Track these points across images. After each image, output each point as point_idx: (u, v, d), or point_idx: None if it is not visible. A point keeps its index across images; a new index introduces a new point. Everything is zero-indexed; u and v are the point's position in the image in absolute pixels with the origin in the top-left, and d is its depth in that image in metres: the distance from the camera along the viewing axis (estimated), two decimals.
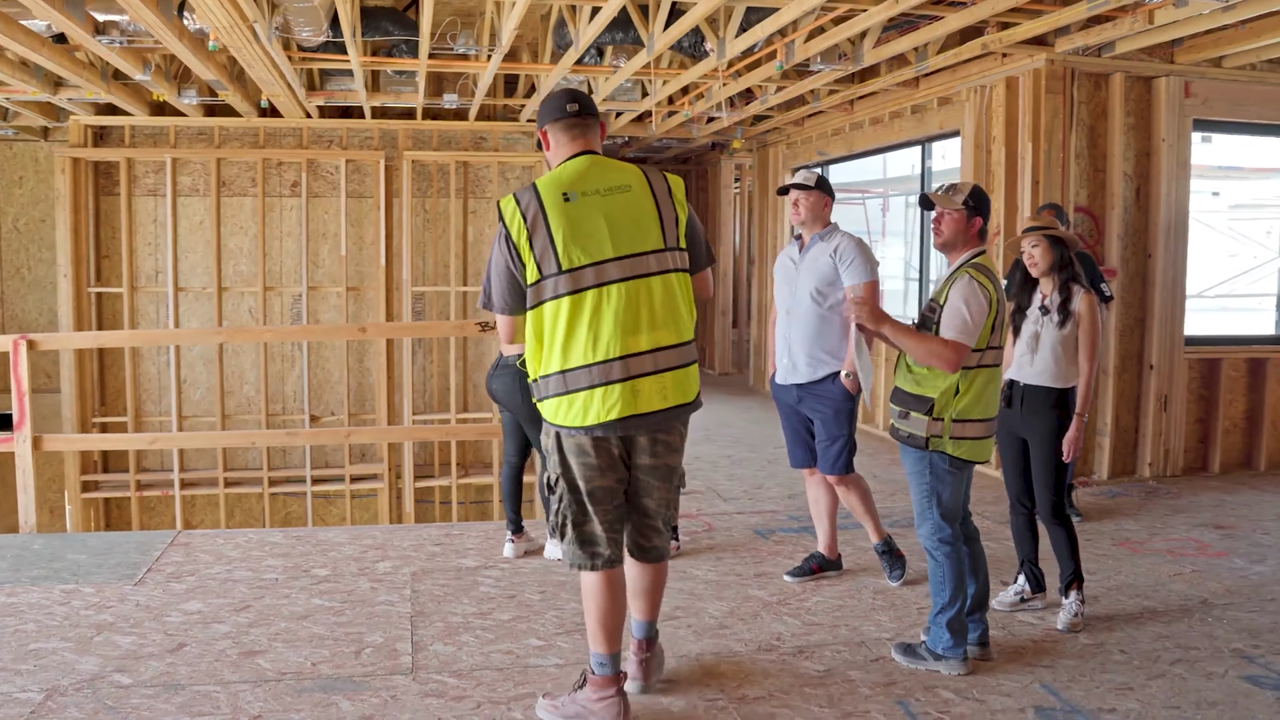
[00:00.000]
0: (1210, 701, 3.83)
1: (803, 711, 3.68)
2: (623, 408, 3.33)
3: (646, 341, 3.34)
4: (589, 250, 3.30)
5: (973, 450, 3.98)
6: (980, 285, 3.85)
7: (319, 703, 3.71)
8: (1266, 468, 7.85)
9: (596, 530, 3.48)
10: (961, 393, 3.92)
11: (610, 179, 3.38)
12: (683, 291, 3.43)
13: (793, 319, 4.91)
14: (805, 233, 4.97)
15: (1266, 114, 7.47)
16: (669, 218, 3.39)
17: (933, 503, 4.01)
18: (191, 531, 6.12)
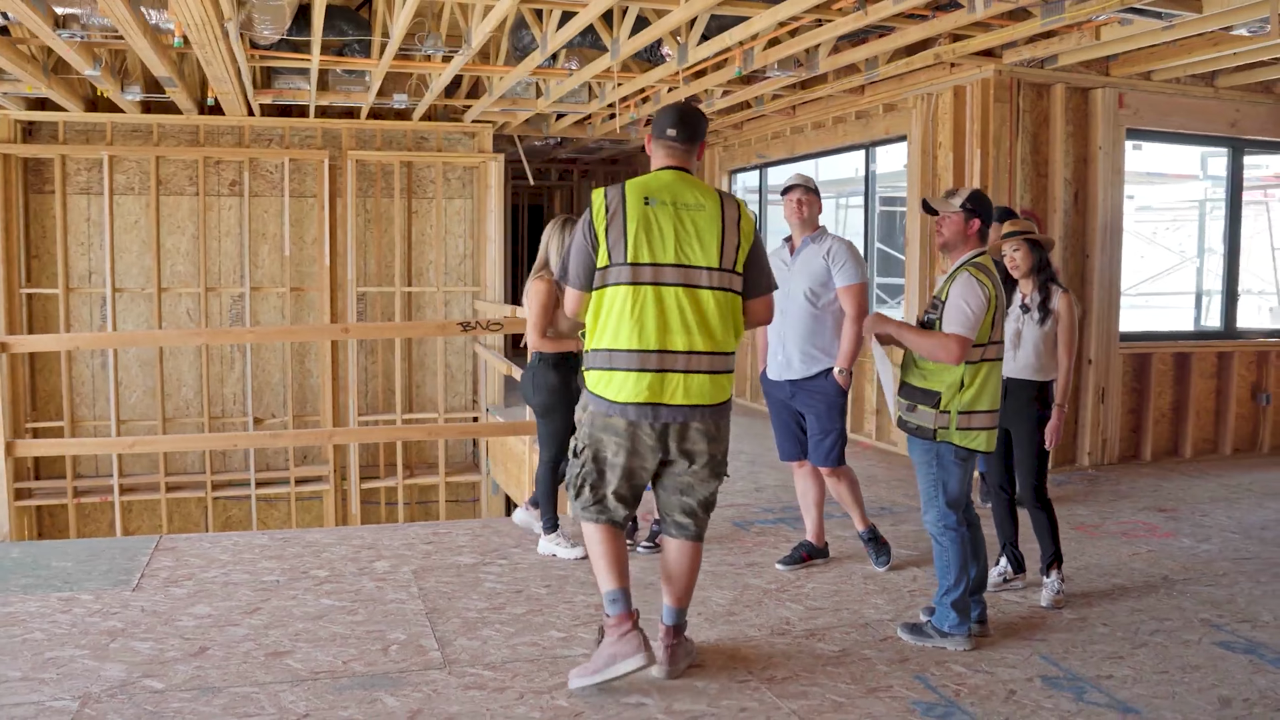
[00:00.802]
0: (1193, 665, 4.18)
1: (831, 689, 3.90)
2: (649, 394, 3.73)
3: (683, 343, 3.73)
4: (653, 250, 3.71)
5: (979, 440, 4.25)
6: (979, 282, 4.13)
7: (363, 699, 3.78)
8: (1192, 455, 8.39)
9: (609, 499, 3.88)
10: (966, 386, 4.18)
11: (689, 196, 3.78)
12: (731, 310, 3.79)
13: (787, 318, 5.11)
14: (798, 234, 5.21)
15: (1189, 124, 8.00)
16: (730, 243, 3.75)
17: (939, 492, 4.29)
18: (175, 536, 6.07)
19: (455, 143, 11.01)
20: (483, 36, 6.88)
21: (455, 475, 10.96)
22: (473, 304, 11.05)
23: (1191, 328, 8.85)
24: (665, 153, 3.89)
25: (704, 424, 3.80)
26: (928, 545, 5.76)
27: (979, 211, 4.30)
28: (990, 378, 4.25)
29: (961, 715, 3.70)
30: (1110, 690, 3.93)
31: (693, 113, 3.96)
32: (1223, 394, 8.50)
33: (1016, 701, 3.82)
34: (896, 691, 3.89)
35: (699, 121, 3.94)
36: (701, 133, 3.95)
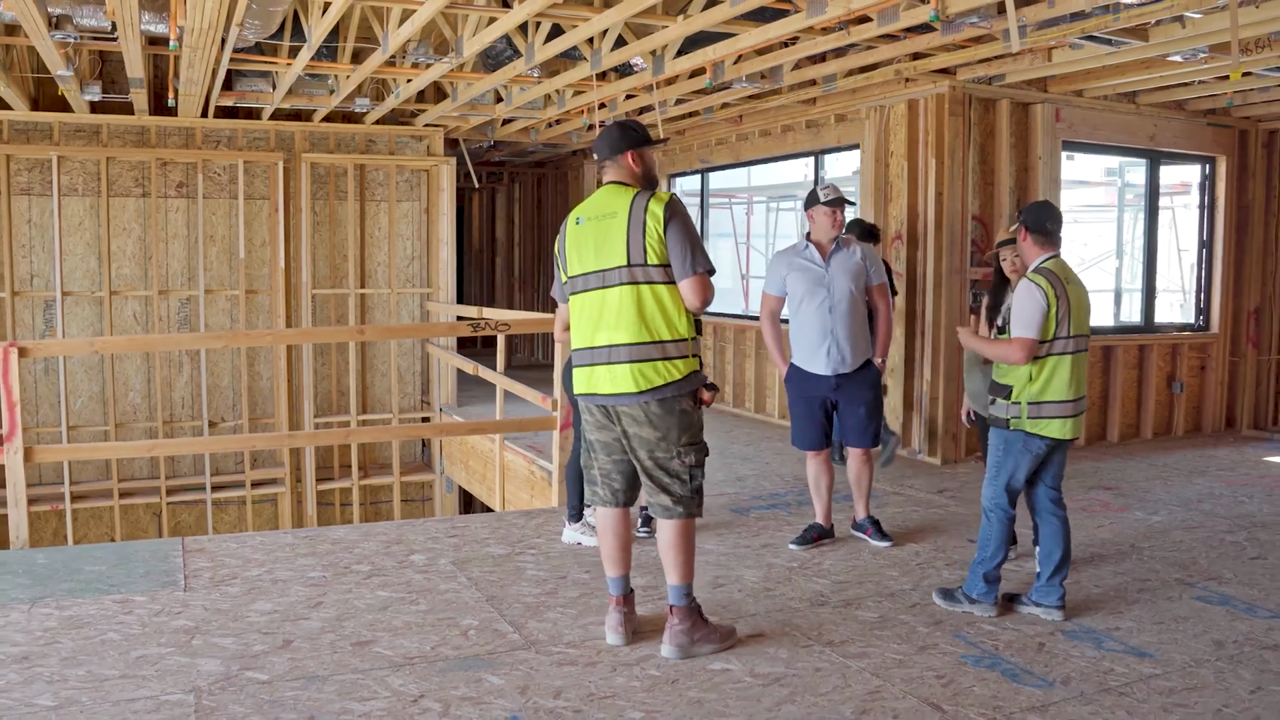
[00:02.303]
0: (1182, 617, 4.81)
1: (886, 649, 4.35)
2: (587, 386, 4.28)
3: (604, 339, 4.18)
4: (582, 262, 4.25)
5: (1052, 429, 4.64)
6: (1037, 286, 4.56)
7: (468, 679, 4.02)
8: (1118, 439, 9.18)
9: (596, 475, 4.42)
10: (1034, 379, 4.61)
11: (608, 207, 4.21)
12: (652, 300, 4.13)
13: (835, 315, 5.61)
14: (827, 239, 5.68)
15: (1115, 137, 8.80)
16: (635, 238, 4.11)
17: (1000, 474, 4.72)
18: (199, 538, 6.14)
19: (405, 146, 11.15)
20: (477, 48, 7.12)
21: (408, 475, 11.11)
22: (423, 305, 11.21)
23: (1112, 323, 9.64)
24: (602, 173, 4.37)
25: (633, 410, 4.17)
26: (914, 525, 6.36)
27: (1025, 219, 4.76)
28: (1058, 371, 4.59)
29: (1006, 664, 4.20)
30: (1122, 639, 4.49)
31: (604, 132, 4.37)
32: (1143, 383, 9.33)
33: (1049, 651, 4.35)
34: (944, 648, 4.37)
35: (609, 138, 4.32)
36: (614, 146, 4.29)
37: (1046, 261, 4.70)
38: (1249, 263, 9.77)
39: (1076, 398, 4.68)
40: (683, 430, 4.21)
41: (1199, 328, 9.80)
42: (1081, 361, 4.71)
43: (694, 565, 4.37)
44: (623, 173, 4.30)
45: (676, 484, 4.24)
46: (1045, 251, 4.72)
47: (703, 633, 4.31)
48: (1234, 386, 9.90)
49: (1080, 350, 4.68)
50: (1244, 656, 4.32)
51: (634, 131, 4.33)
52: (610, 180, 4.32)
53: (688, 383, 4.18)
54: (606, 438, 4.35)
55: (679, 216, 4.13)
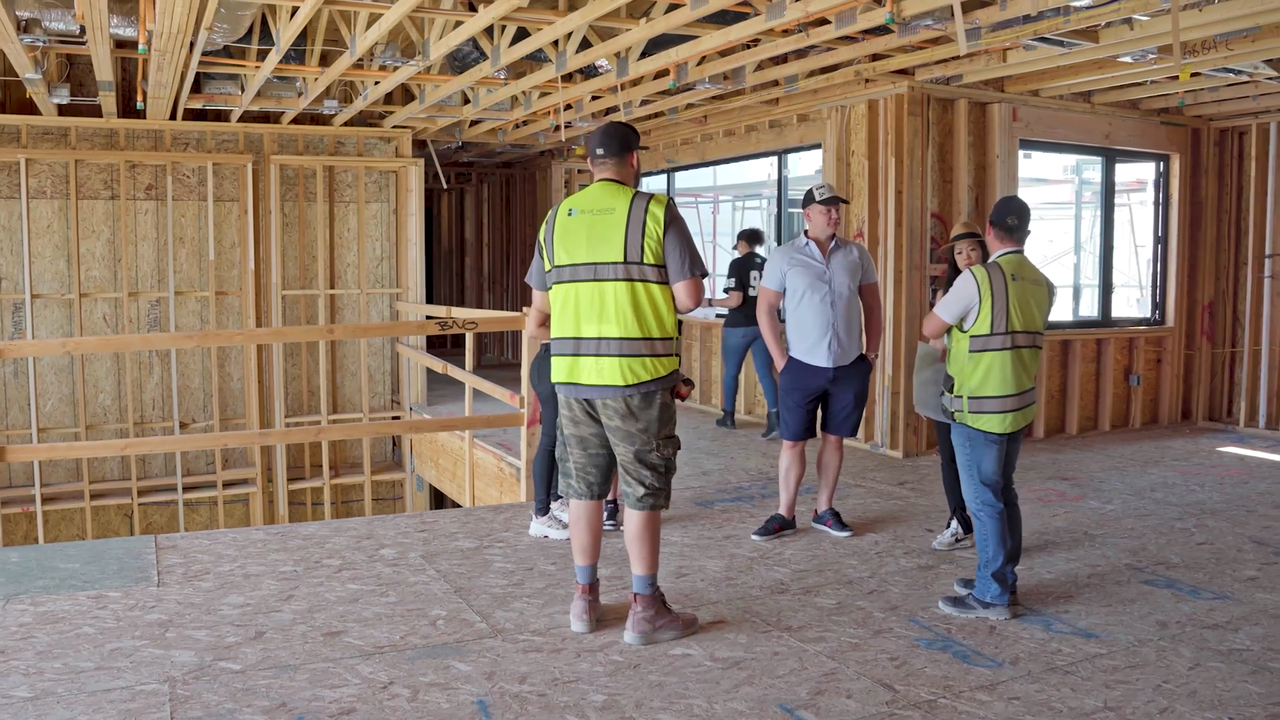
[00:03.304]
0: (1129, 599, 4.99)
1: (841, 633, 4.50)
2: (568, 375, 4.36)
3: (593, 330, 4.27)
4: (571, 253, 4.32)
5: (994, 423, 4.67)
6: (972, 277, 4.66)
7: (436, 666, 4.13)
8: (1077, 431, 9.40)
9: (571, 468, 4.52)
10: (971, 374, 4.68)
11: (604, 203, 4.31)
12: (647, 298, 4.26)
13: (837, 310, 5.81)
14: (825, 237, 5.88)
15: (1071, 136, 9.00)
16: (634, 238, 4.23)
17: (973, 471, 4.76)
18: (171, 535, 6.21)
19: (373, 147, 11.23)
20: (444, 51, 7.22)
21: (378, 474, 11.19)
22: (392, 306, 11.29)
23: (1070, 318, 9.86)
24: (596, 169, 4.47)
25: (616, 403, 4.29)
26: (874, 515, 6.52)
27: (992, 217, 4.85)
28: (994, 366, 4.62)
29: (958, 646, 4.36)
30: (1070, 621, 4.67)
31: (612, 129, 4.50)
32: (1101, 376, 9.56)
33: (999, 634, 4.51)
34: (898, 632, 4.52)
35: (617, 136, 4.46)
36: (624, 144, 4.44)
37: (1003, 256, 4.76)
38: (1203, 258, 10.02)
39: (1018, 393, 4.70)
40: (663, 422, 4.36)
41: (1155, 322, 10.04)
42: (1024, 358, 4.71)
43: (659, 555, 4.51)
44: (623, 172, 4.43)
45: (651, 475, 4.37)
46: (1005, 246, 4.78)
47: (665, 620, 4.44)
48: (1189, 379, 10.15)
49: (1023, 346, 4.69)
50: (1185, 636, 4.50)
51: (636, 135, 4.53)
52: (606, 177, 4.42)
53: (669, 379, 4.34)
54: (584, 432, 4.45)
55: (678, 220, 4.29)
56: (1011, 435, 4.78)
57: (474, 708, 3.77)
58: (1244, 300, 9.79)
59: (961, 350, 4.74)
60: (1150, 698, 3.88)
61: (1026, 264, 4.80)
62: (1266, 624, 4.67)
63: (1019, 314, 4.67)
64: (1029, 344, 4.75)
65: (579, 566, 4.59)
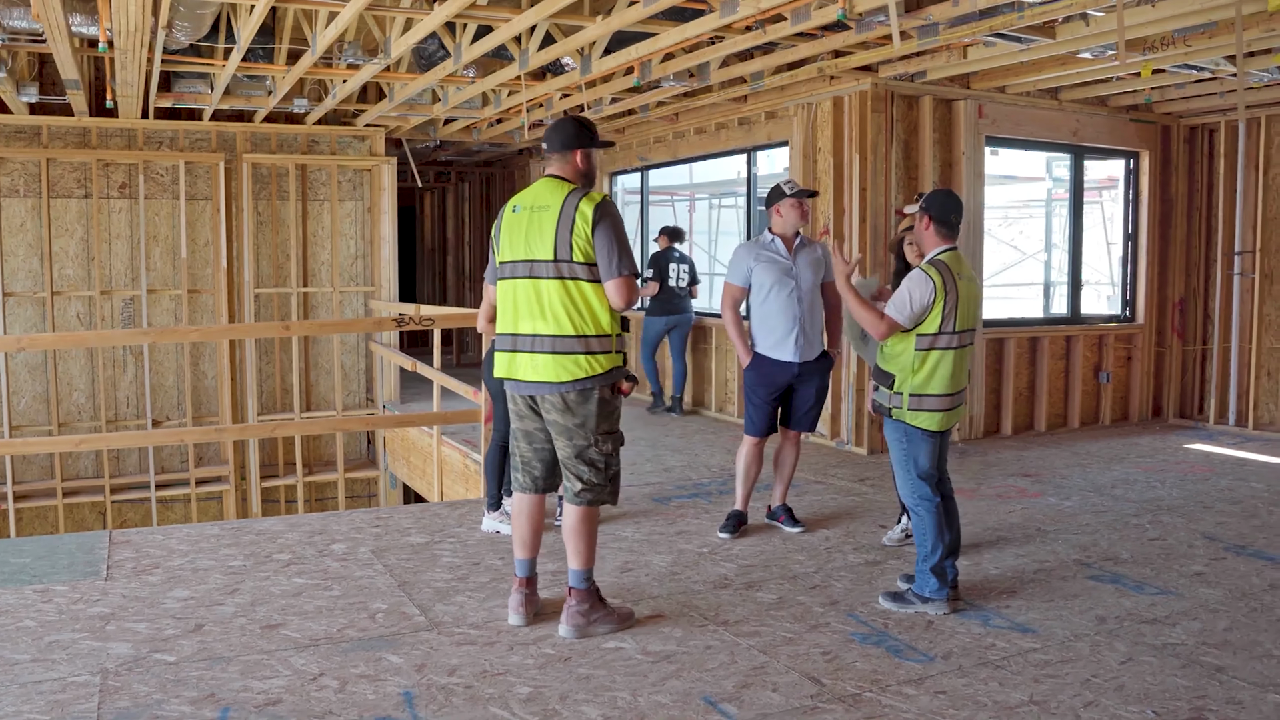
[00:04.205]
0: (1072, 594, 4.98)
1: (779, 628, 4.50)
2: (507, 371, 4.40)
3: (528, 328, 4.30)
4: (513, 249, 4.36)
5: (931, 421, 4.65)
6: (929, 278, 4.57)
7: (368, 659, 4.15)
8: (1046, 428, 9.40)
9: (518, 461, 4.56)
10: (916, 370, 4.63)
11: (544, 199, 4.31)
12: (580, 296, 4.25)
13: (804, 306, 5.82)
14: (790, 233, 5.89)
15: (1038, 133, 9.00)
16: (563, 236, 4.22)
17: (909, 466, 4.73)
18: (126, 530, 6.24)
19: (347, 146, 11.24)
20: (404, 49, 7.23)
21: (352, 471, 11.20)
22: (366, 304, 11.30)
23: (1041, 315, 9.87)
24: (546, 163, 4.49)
25: (554, 398, 4.29)
26: (830, 511, 6.53)
27: (929, 208, 4.73)
28: (941, 365, 4.59)
29: (892, 641, 4.36)
30: (1009, 616, 4.66)
31: (559, 123, 4.47)
32: (1070, 374, 9.56)
33: (935, 629, 4.51)
34: (835, 627, 4.52)
35: (560, 131, 4.42)
36: (565, 140, 4.37)
37: (943, 254, 4.70)
38: (1173, 255, 10.02)
39: (955, 391, 4.69)
40: (602, 418, 4.34)
41: (1125, 319, 10.04)
42: (965, 356, 4.72)
43: (595, 550, 4.51)
44: (566, 168, 4.40)
45: (590, 471, 4.37)
46: (944, 243, 4.72)
47: (600, 614, 4.45)
48: (1160, 376, 10.15)
49: (965, 345, 4.69)
50: (1122, 631, 4.50)
51: (587, 131, 4.43)
52: (551, 173, 4.42)
53: (608, 376, 4.31)
54: (529, 426, 4.47)
55: (608, 219, 4.23)
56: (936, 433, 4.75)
57: (400, 699, 3.78)
58: (1214, 297, 9.80)
59: (905, 347, 4.67)
60: (1077, 691, 3.88)
61: (963, 260, 4.78)
62: (1204, 619, 4.67)
63: (963, 313, 4.65)
64: (969, 342, 4.76)
65: (518, 560, 4.61)
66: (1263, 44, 6.82)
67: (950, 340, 4.62)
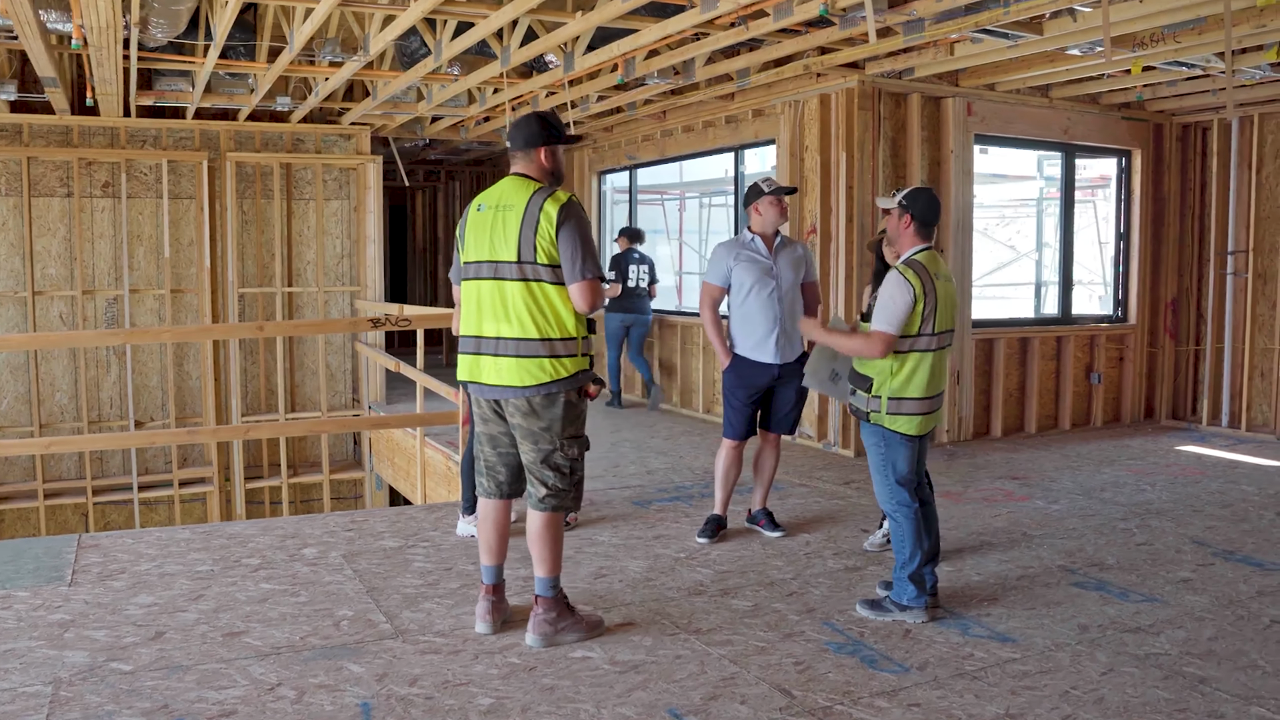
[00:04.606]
0: (1055, 602, 4.87)
1: (752, 636, 4.40)
2: (470, 374, 4.29)
3: (492, 330, 4.19)
4: (477, 249, 4.24)
5: (910, 425, 4.52)
6: (906, 280, 4.44)
7: (329, 668, 4.05)
8: (1036, 430, 9.29)
9: (482, 466, 4.43)
10: (895, 374, 4.50)
11: (509, 198, 4.19)
12: (544, 298, 4.13)
13: (784, 306, 5.71)
14: (770, 232, 5.77)
15: (1028, 131, 8.89)
16: (527, 236, 4.10)
17: (888, 471, 4.60)
18: (96, 534, 6.13)
19: (332, 144, 11.14)
20: (384, 44, 7.13)
21: (338, 473, 11.10)
22: (352, 304, 11.19)
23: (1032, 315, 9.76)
24: (511, 161, 4.36)
25: (519, 402, 4.18)
26: (812, 515, 6.42)
27: (911, 207, 4.59)
28: (920, 367, 4.48)
29: (868, 650, 4.25)
30: (989, 625, 4.56)
31: (521, 120, 4.34)
32: (1061, 374, 9.44)
33: (913, 638, 4.40)
34: (809, 635, 4.42)
35: (524, 128, 4.29)
36: (529, 138, 4.25)
37: (919, 254, 4.58)
38: (1166, 254, 9.90)
39: (934, 394, 4.58)
40: (567, 422, 4.23)
41: (1117, 319, 9.92)
42: (944, 358, 4.61)
43: (561, 556, 4.41)
44: (531, 166, 4.28)
45: (555, 476, 4.26)
46: (921, 243, 4.61)
47: (568, 622, 4.35)
48: (1152, 377, 10.03)
49: (943, 347, 4.58)
50: (1104, 640, 4.39)
51: (551, 127, 4.30)
52: (517, 171, 4.30)
53: (573, 380, 4.20)
54: (493, 430, 4.36)
55: (573, 220, 4.11)
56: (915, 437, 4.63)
57: (357, 710, 3.68)
58: (1207, 297, 9.68)
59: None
60: (1055, 704, 3.77)
61: (939, 259, 4.67)
62: (1190, 627, 4.56)
63: (943, 314, 4.55)
64: (950, 344, 4.66)
65: (485, 566, 4.50)
66: (1253, 40, 6.70)
67: (930, 342, 4.51)
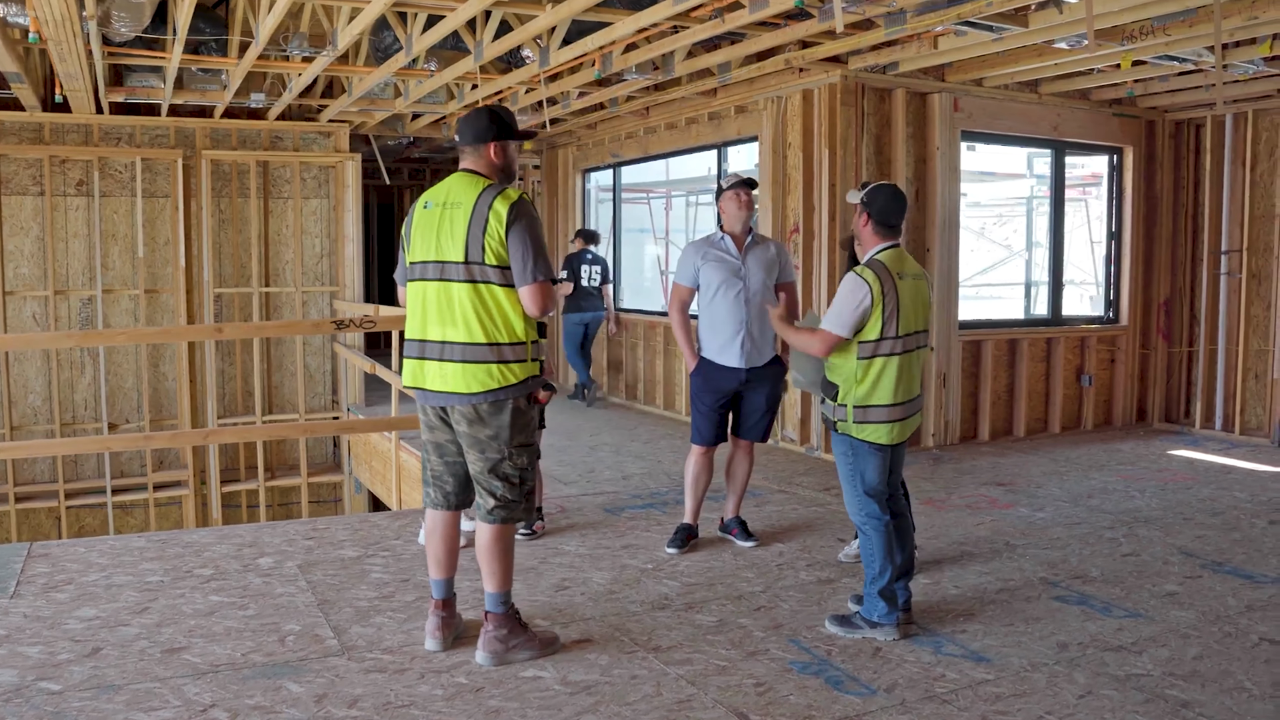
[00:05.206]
0: (1034, 617, 4.67)
1: (713, 655, 4.20)
2: (414, 380, 4.09)
3: (437, 334, 3.99)
4: (424, 249, 4.04)
5: (879, 434, 4.30)
6: (863, 282, 4.23)
7: (267, 688, 3.87)
8: (1025, 434, 9.07)
9: (429, 475, 4.25)
10: (860, 380, 4.28)
11: (457, 196, 3.99)
12: (493, 301, 3.92)
13: (751, 309, 5.49)
14: (740, 229, 5.56)
15: (1017, 127, 8.67)
16: (475, 236, 3.88)
17: (856, 482, 4.38)
18: (48, 543, 5.94)
19: (311, 142, 10.95)
20: (351, 38, 6.94)
21: (317, 476, 10.90)
22: (331, 304, 11.00)
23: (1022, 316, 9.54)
24: (461, 157, 4.16)
25: (465, 409, 3.98)
26: (789, 523, 6.22)
27: (869, 206, 4.38)
28: (885, 372, 4.26)
29: (834, 670, 4.05)
30: (964, 643, 4.35)
31: (471, 115, 4.13)
32: (1051, 377, 9.23)
33: (883, 657, 4.20)
34: (774, 654, 4.22)
35: (471, 123, 4.08)
36: (477, 133, 4.04)
37: (882, 253, 4.37)
38: (1158, 254, 9.69)
39: (906, 400, 4.36)
40: (516, 430, 4.03)
41: (1108, 320, 9.71)
42: (913, 361, 4.38)
43: (512, 570, 4.21)
44: (480, 163, 4.07)
45: (504, 486, 4.07)
46: (884, 241, 4.40)
47: (521, 639, 4.15)
48: (1145, 379, 9.82)
49: (911, 350, 4.35)
50: (1084, 659, 4.19)
51: (501, 121, 4.09)
52: (465, 168, 4.10)
53: (523, 386, 4.01)
54: (440, 438, 4.17)
55: (524, 219, 3.91)
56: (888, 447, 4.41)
57: None
58: (1201, 297, 9.46)
59: (848, 357, 4.33)
60: None
61: (906, 258, 4.45)
62: (1174, 645, 4.35)
63: (907, 315, 4.32)
64: (918, 345, 4.42)
65: (434, 581, 4.30)
66: (1245, 33, 6.49)
67: (894, 346, 4.28)
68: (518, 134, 4.16)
